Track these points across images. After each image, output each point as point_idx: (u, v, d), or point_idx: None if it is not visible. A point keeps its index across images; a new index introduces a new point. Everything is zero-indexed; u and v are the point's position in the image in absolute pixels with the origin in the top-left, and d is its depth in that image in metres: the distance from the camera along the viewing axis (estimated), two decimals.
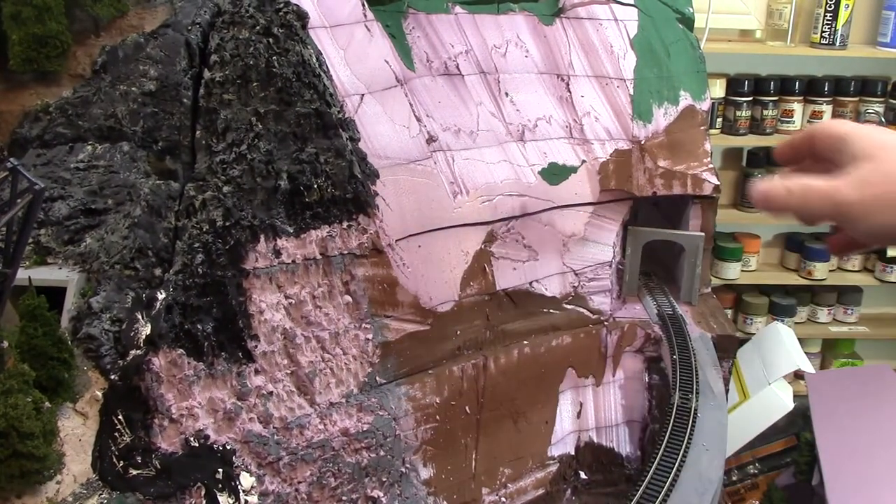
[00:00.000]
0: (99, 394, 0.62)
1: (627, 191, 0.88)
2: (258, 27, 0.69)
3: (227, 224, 0.65)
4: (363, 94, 0.73)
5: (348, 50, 0.73)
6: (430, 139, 0.76)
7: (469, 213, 0.77)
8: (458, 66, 0.81)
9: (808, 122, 1.94)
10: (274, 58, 0.68)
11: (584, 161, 0.85)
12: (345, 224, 0.70)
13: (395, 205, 0.72)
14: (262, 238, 0.66)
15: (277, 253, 0.67)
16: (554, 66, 0.88)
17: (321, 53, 0.71)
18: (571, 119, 0.87)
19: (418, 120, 0.76)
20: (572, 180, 0.84)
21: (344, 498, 0.72)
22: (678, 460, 0.77)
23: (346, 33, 0.74)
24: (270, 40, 0.68)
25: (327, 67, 0.71)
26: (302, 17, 0.70)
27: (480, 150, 0.79)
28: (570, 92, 0.88)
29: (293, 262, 0.68)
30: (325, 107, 0.69)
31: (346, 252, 0.70)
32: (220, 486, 0.65)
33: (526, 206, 0.81)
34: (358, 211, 0.70)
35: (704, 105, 0.95)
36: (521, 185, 0.80)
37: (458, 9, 0.82)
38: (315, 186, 0.68)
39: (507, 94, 0.83)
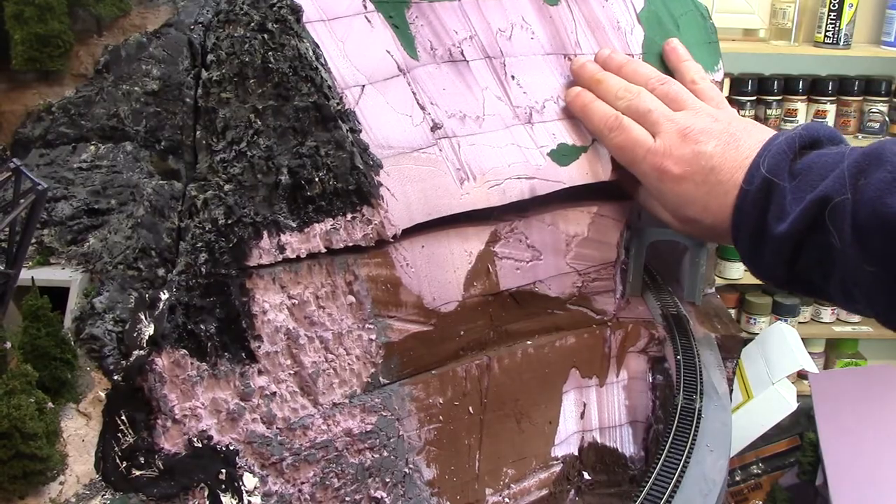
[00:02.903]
0: (102, 394, 0.62)
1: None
2: (252, 24, 0.68)
3: (230, 222, 0.64)
4: (364, 86, 0.72)
5: (347, 42, 0.72)
6: (435, 126, 0.75)
7: (477, 199, 0.76)
8: (462, 53, 0.80)
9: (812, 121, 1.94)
10: (269, 53, 0.67)
11: (594, 140, 0.84)
12: (349, 216, 0.69)
13: (399, 194, 0.71)
14: (266, 234, 0.66)
15: (282, 248, 0.66)
16: (560, 46, 0.87)
17: (318, 46, 0.70)
18: None
19: (422, 108, 0.75)
20: (583, 160, 0.83)
21: (347, 499, 0.72)
22: (682, 461, 0.77)
23: (345, 25, 0.73)
24: (265, 36, 0.68)
25: (325, 60, 0.70)
26: (296, 10, 0.69)
27: (487, 134, 0.79)
28: None
29: (297, 257, 0.67)
30: (324, 99, 0.68)
31: (351, 244, 0.69)
32: (224, 486, 0.65)
33: (535, 189, 0.80)
34: (361, 202, 0.69)
35: (717, 76, 0.94)
36: (529, 168, 0.79)
37: None
38: (316, 179, 0.68)
39: (513, 77, 0.83)
